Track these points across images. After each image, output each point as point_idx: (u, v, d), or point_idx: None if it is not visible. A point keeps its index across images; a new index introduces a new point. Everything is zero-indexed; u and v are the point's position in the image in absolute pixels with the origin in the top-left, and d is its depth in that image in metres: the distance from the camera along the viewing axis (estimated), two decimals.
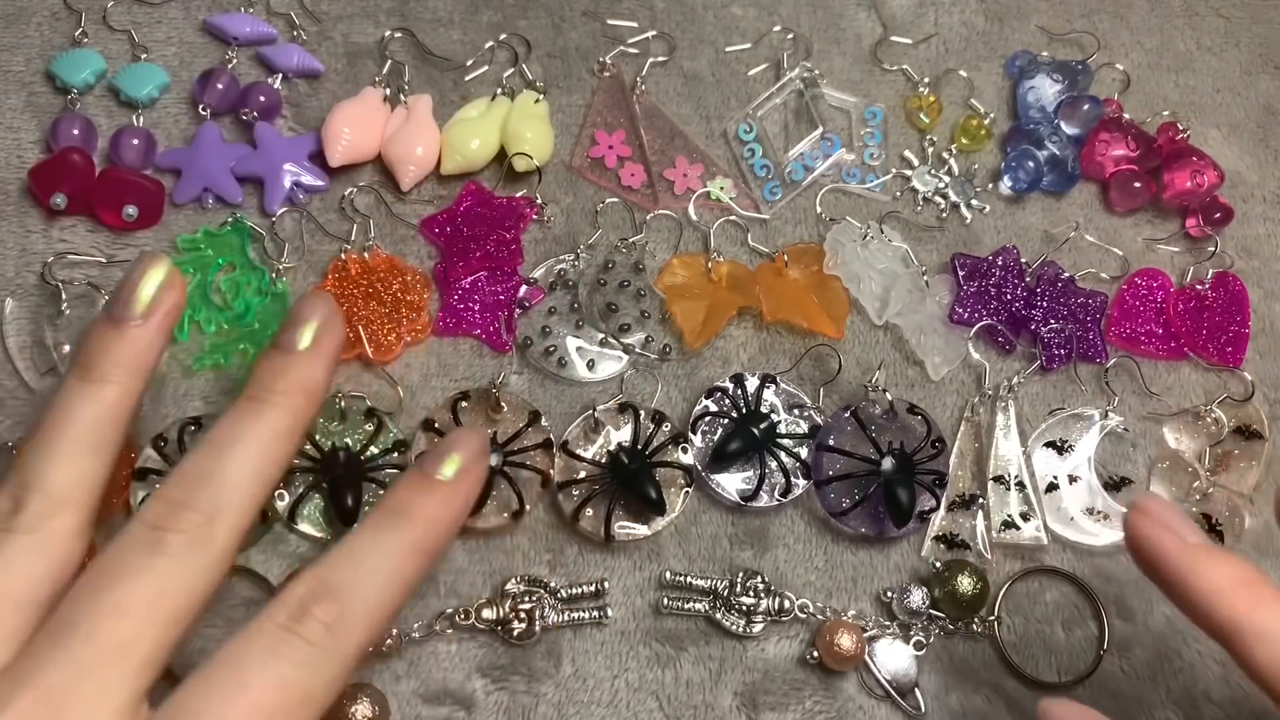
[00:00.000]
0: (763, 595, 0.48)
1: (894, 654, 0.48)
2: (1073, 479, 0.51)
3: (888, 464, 0.49)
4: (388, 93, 0.56)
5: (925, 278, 0.54)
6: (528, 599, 0.47)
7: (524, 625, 0.47)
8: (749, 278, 0.54)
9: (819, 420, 0.51)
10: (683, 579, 0.48)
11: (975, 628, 0.48)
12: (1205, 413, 0.52)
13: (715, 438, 0.50)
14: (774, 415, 0.51)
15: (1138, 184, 0.56)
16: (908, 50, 0.60)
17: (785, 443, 0.50)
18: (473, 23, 0.59)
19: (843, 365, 0.52)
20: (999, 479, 0.51)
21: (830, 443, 0.50)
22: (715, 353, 0.53)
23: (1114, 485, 0.51)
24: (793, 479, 0.50)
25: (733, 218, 0.56)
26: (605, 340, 0.52)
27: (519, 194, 0.55)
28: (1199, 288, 0.55)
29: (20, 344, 0.51)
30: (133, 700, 0.33)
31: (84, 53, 0.56)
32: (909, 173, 0.57)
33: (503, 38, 0.59)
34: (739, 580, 0.48)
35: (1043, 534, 0.50)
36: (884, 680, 0.47)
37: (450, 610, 0.47)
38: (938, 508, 0.50)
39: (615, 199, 0.56)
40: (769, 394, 0.51)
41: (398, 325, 0.52)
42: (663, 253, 0.55)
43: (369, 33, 0.58)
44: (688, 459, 0.50)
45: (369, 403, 0.50)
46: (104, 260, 0.53)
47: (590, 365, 0.52)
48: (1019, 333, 0.54)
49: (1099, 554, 0.50)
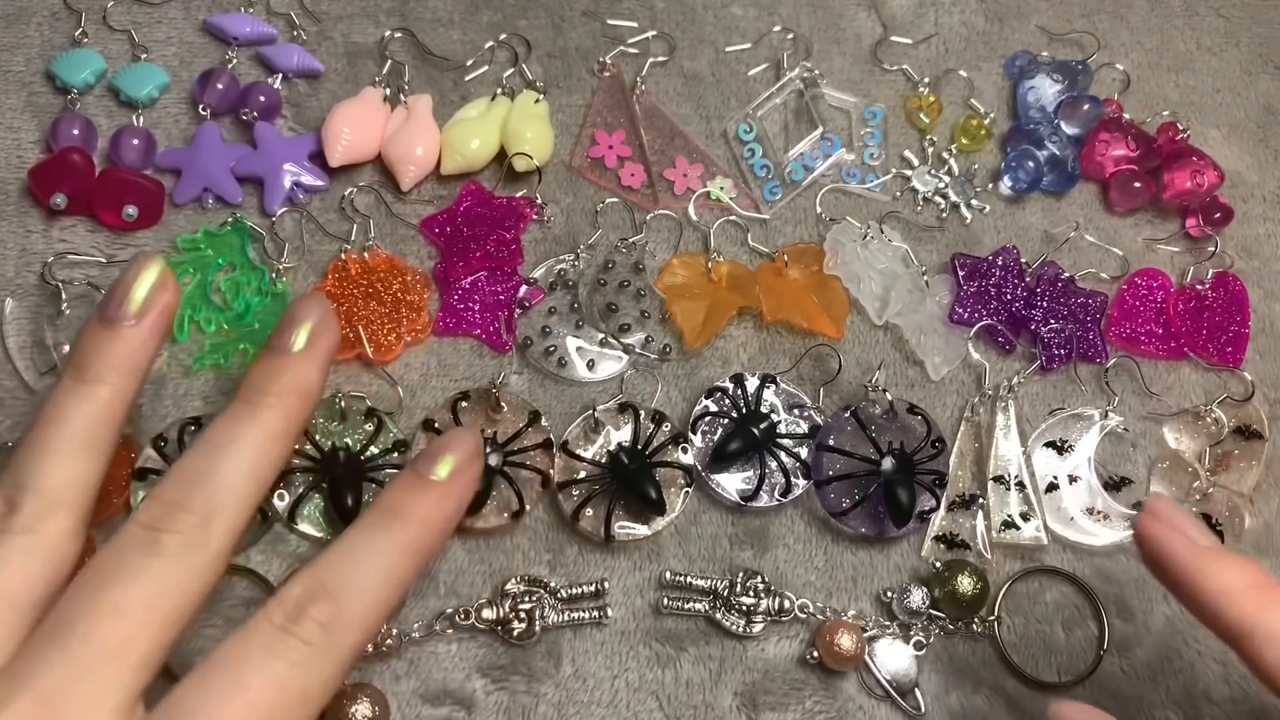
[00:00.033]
0: (763, 595, 0.48)
1: (894, 654, 0.47)
2: (1073, 479, 0.51)
3: (888, 464, 0.49)
4: (388, 93, 0.56)
5: (925, 278, 0.54)
6: (528, 599, 0.47)
7: (524, 625, 0.47)
8: (749, 278, 0.54)
9: (819, 420, 0.51)
10: (683, 579, 0.48)
11: (975, 628, 0.48)
12: (1205, 413, 0.52)
13: (715, 438, 0.50)
14: (774, 415, 0.50)
15: (1138, 184, 0.56)
16: (908, 50, 0.60)
17: (785, 443, 0.50)
18: (473, 23, 0.59)
19: (843, 365, 0.52)
20: (999, 479, 0.51)
21: (830, 443, 0.50)
22: (715, 353, 0.53)
23: (1114, 485, 0.51)
24: (793, 479, 0.50)
25: (733, 218, 0.55)
26: (605, 340, 0.52)
27: (519, 194, 0.55)
28: (1199, 288, 0.55)
29: (20, 344, 0.51)
30: (129, 700, 0.34)
31: (84, 53, 0.56)
32: (909, 173, 0.57)
33: (503, 38, 0.59)
34: (739, 580, 0.48)
35: (1043, 534, 0.50)
36: (884, 680, 0.47)
37: (450, 610, 0.47)
38: (938, 508, 0.50)
39: (615, 199, 0.56)
40: (769, 394, 0.51)
41: (398, 325, 0.52)
42: (663, 253, 0.55)
43: (369, 33, 0.58)
44: (688, 459, 0.50)
45: (369, 403, 0.50)
46: (104, 260, 0.53)
47: (590, 365, 0.52)
48: (1019, 333, 0.54)
49: (1099, 554, 0.50)
